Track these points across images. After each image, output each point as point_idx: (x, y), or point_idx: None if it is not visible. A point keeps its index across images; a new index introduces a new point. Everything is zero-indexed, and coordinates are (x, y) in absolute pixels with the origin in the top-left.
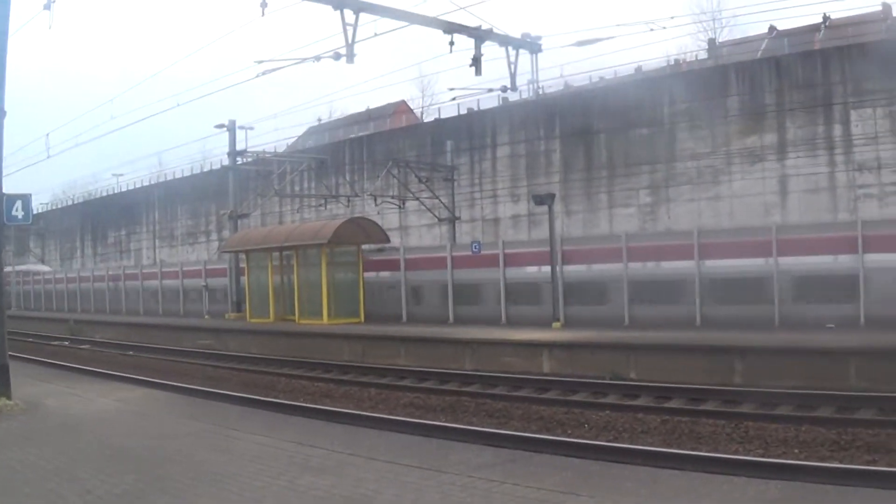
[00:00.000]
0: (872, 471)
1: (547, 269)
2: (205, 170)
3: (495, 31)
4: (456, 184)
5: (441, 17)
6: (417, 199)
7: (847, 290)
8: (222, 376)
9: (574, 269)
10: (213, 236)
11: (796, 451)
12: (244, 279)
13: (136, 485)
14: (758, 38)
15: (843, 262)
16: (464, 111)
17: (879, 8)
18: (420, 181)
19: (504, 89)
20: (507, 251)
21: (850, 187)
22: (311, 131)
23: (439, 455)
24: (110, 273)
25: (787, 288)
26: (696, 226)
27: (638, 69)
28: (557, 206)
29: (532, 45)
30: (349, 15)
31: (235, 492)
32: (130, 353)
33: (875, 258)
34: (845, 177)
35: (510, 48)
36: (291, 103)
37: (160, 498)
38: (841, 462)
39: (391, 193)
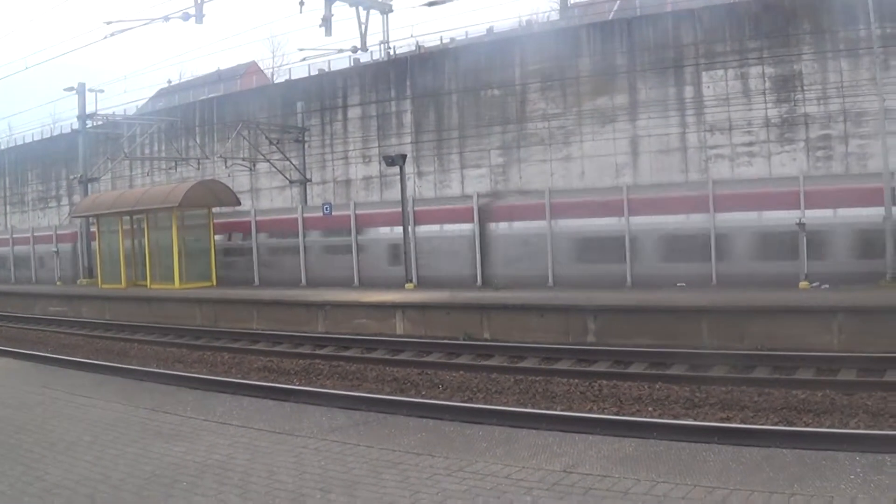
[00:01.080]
0: (726, 427)
1: (399, 230)
2: (55, 134)
3: None
4: (307, 145)
5: None
6: (268, 161)
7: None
8: (75, 343)
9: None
10: (65, 201)
11: (650, 408)
12: (95, 244)
13: None
14: (610, 0)
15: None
16: (315, 72)
17: None
18: (271, 143)
19: (355, 50)
20: (358, 212)
21: (702, 148)
22: (162, 93)
23: (293, 419)
24: None
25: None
26: (548, 186)
27: (489, 30)
28: (409, 167)
29: (382, 6)
30: None
31: (89, 460)
32: None
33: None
34: (696, 137)
35: (360, 8)
36: (142, 65)
37: (13, 468)
38: (695, 419)
39: (241, 156)
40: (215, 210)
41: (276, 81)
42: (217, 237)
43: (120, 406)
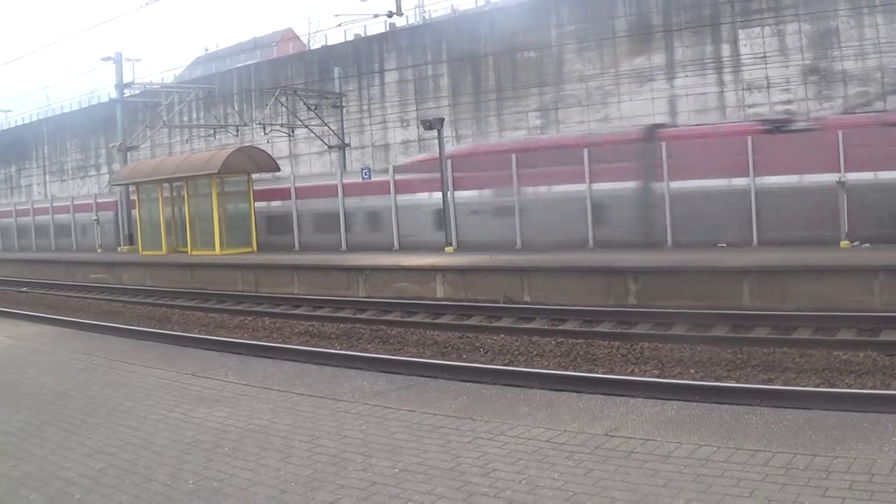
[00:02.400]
0: (769, 389)
1: (438, 194)
2: (93, 103)
3: None
4: (345, 110)
5: None
6: (306, 126)
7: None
8: (116, 310)
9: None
10: (104, 169)
11: (692, 370)
12: (136, 212)
13: (30, 421)
14: None
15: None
16: (350, 38)
17: None
18: (309, 109)
19: (390, 14)
20: (397, 177)
21: (740, 106)
22: (199, 61)
23: (334, 383)
24: (1, 210)
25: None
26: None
27: None
28: (447, 131)
29: None
30: None
31: (131, 425)
32: (24, 289)
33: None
34: (734, 96)
35: None
36: (179, 34)
37: (56, 433)
38: (737, 381)
39: (280, 122)
40: (255, 176)
41: (312, 48)
42: (257, 203)
43: (161, 371)
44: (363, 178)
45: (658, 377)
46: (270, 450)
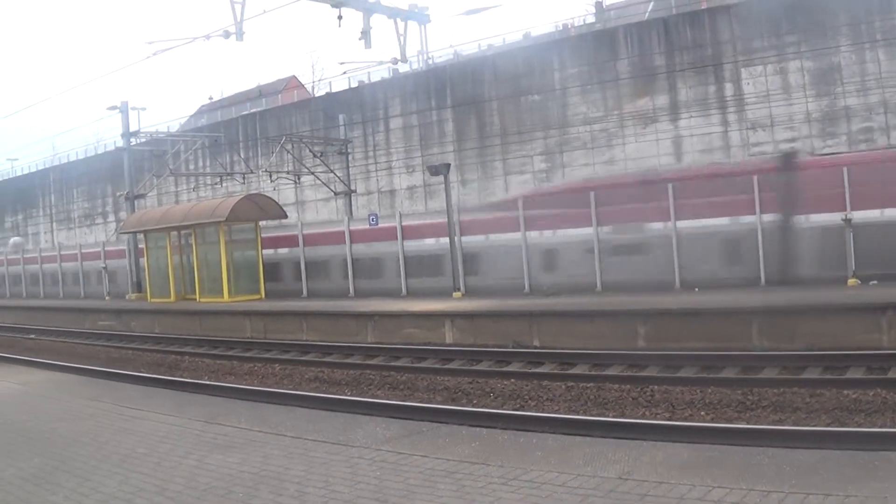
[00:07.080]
0: (780, 430)
1: (445, 239)
2: (99, 152)
3: (383, 3)
4: (350, 157)
5: None
6: (312, 173)
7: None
8: (126, 357)
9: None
10: (111, 217)
11: (703, 413)
12: (143, 259)
13: (42, 467)
14: (644, 0)
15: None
16: (355, 84)
17: None
18: (314, 156)
19: (394, 61)
20: (404, 223)
21: (745, 145)
22: (204, 110)
23: (346, 429)
24: (9, 257)
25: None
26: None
27: (526, 36)
28: (453, 176)
29: (420, 16)
30: None
31: (145, 472)
32: (32, 336)
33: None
34: (739, 135)
35: (399, 20)
36: (183, 83)
37: (68, 480)
38: (748, 422)
39: (286, 169)
40: (262, 223)
41: (316, 95)
42: (264, 251)
43: (173, 418)
44: (370, 225)
45: (669, 420)
46: (285, 496)
